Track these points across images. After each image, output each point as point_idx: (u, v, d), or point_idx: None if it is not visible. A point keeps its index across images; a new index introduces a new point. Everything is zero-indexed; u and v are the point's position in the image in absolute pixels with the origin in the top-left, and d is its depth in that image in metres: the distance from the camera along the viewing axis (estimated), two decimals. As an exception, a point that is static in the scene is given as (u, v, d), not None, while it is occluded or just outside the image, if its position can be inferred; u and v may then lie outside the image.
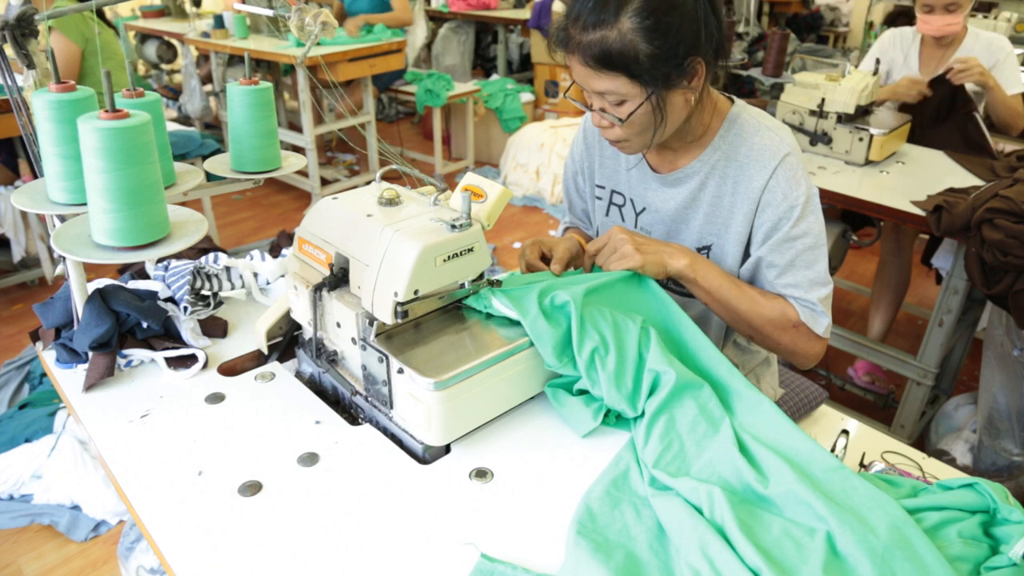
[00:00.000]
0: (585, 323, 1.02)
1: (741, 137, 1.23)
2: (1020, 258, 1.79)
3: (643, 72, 1.08)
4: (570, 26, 1.10)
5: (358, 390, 1.09)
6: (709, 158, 1.25)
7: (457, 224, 0.98)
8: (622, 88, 1.10)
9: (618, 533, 0.85)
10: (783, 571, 0.76)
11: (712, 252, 1.29)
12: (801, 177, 1.21)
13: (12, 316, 3.19)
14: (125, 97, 1.15)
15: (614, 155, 1.39)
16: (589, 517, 0.86)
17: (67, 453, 2.14)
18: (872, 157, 2.34)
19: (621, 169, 1.38)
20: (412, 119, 6.18)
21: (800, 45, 6.25)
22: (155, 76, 5.90)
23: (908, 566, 0.75)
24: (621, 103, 1.13)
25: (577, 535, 0.83)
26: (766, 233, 1.21)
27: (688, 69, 1.11)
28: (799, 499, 0.83)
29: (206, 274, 1.33)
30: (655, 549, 0.83)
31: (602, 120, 1.18)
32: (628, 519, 0.87)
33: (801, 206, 1.19)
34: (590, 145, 1.42)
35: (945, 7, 2.48)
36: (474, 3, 6.23)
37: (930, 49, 2.68)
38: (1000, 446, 2.17)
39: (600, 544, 0.82)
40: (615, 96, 1.12)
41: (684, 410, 0.99)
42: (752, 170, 1.21)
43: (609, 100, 1.13)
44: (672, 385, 0.99)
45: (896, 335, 3.09)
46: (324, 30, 1.31)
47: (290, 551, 0.84)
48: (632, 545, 0.83)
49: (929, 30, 2.56)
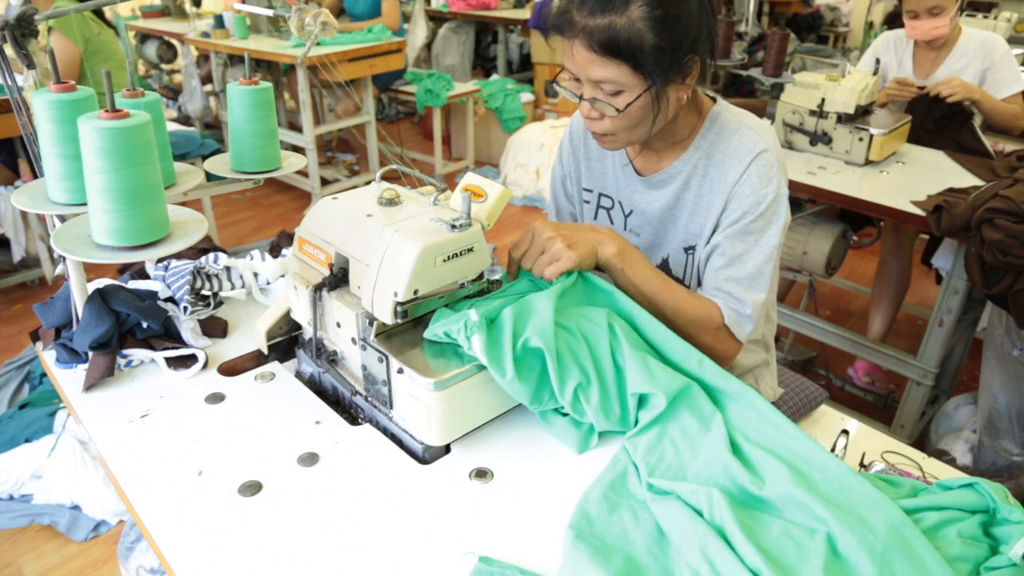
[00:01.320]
0: (562, 360, 0.97)
1: (721, 136, 1.23)
2: (1020, 258, 1.79)
3: (646, 63, 1.07)
4: (574, 10, 1.08)
5: (358, 390, 1.09)
6: (691, 158, 1.25)
7: (457, 224, 0.98)
8: (622, 78, 1.09)
9: (616, 537, 0.85)
10: (784, 571, 0.76)
11: (696, 252, 1.28)
12: (774, 175, 1.19)
13: (12, 316, 3.19)
14: (125, 97, 1.15)
15: (600, 158, 1.38)
16: (587, 522, 0.86)
17: (67, 453, 2.14)
18: (872, 157, 2.34)
19: (608, 172, 1.38)
20: (412, 119, 6.18)
21: (800, 45, 6.25)
22: (155, 76, 5.90)
23: (907, 566, 0.75)
24: (617, 93, 1.11)
25: (575, 539, 0.82)
26: (728, 223, 1.20)
27: (686, 66, 1.11)
28: (796, 501, 0.83)
29: (206, 274, 1.33)
30: (654, 553, 0.83)
31: (592, 111, 1.16)
32: (626, 523, 0.87)
33: (768, 203, 1.18)
34: (576, 148, 1.42)
35: (929, 11, 2.47)
36: (474, 3, 6.23)
37: (923, 51, 2.68)
38: (1000, 446, 2.17)
39: (599, 548, 0.81)
40: (613, 86, 1.10)
41: (675, 417, 0.98)
42: (727, 167, 1.21)
43: (605, 89, 1.11)
44: (661, 402, 0.97)
45: (896, 335, 3.09)
46: (324, 30, 1.31)
47: (290, 551, 0.84)
48: (631, 549, 0.83)
49: (916, 35, 2.56)
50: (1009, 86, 2.55)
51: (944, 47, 2.62)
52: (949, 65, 2.61)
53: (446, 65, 6.24)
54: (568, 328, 1.01)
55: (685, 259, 1.32)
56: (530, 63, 5.90)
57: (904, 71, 2.71)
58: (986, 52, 2.56)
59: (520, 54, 6.41)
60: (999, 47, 2.56)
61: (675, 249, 1.32)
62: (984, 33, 2.60)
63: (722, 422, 0.95)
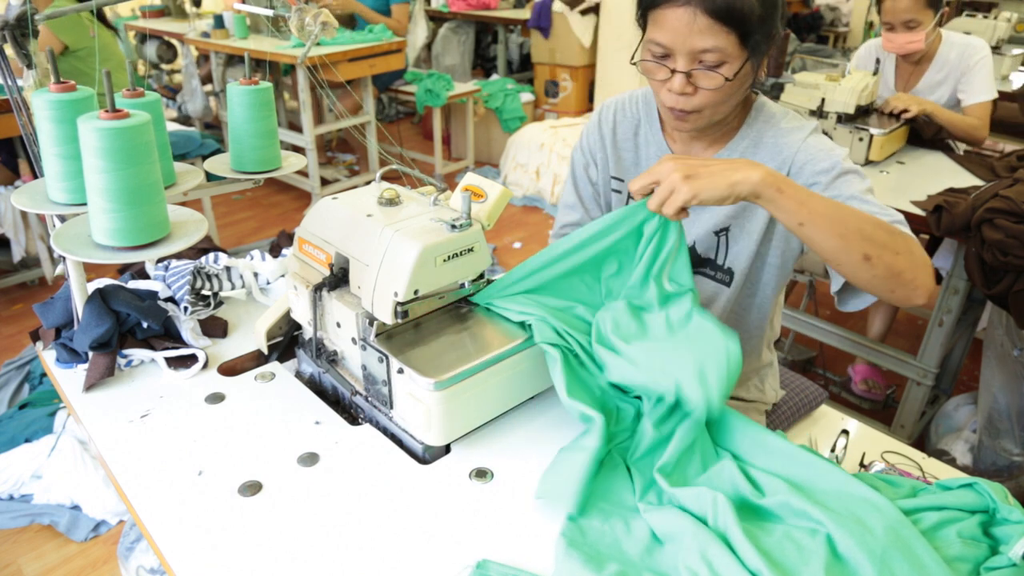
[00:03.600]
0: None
1: (768, 124, 1.23)
2: (1020, 258, 1.79)
3: (753, 32, 1.06)
4: None
5: (358, 390, 1.09)
6: (736, 146, 1.24)
7: (457, 224, 0.98)
8: (729, 47, 1.06)
9: (609, 546, 0.84)
10: (784, 573, 0.76)
11: (731, 232, 1.26)
12: (835, 145, 1.18)
13: (12, 316, 3.19)
14: (125, 97, 1.15)
15: (632, 148, 1.36)
16: (579, 531, 0.85)
17: (67, 453, 2.14)
18: (872, 157, 2.34)
19: (641, 163, 1.35)
20: (412, 119, 6.18)
21: (800, 45, 6.26)
22: (155, 76, 5.90)
23: (906, 566, 0.75)
24: (719, 64, 1.08)
25: (568, 547, 0.82)
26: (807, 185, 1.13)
27: (774, 39, 1.12)
28: (794, 509, 0.83)
29: (206, 274, 1.33)
30: (647, 563, 0.82)
31: (686, 86, 1.11)
32: (619, 533, 0.86)
33: (842, 161, 1.14)
34: (604, 135, 1.38)
35: (905, 24, 2.44)
36: (474, 3, 6.23)
37: (904, 63, 2.66)
38: (1000, 446, 2.16)
39: (591, 556, 0.81)
40: (717, 55, 1.07)
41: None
42: (781, 143, 1.20)
43: (707, 61, 1.08)
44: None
45: (896, 335, 3.09)
46: (324, 30, 1.31)
47: (290, 551, 0.84)
48: (624, 558, 0.82)
49: (892, 48, 2.53)
50: (977, 94, 2.50)
51: (925, 59, 2.60)
52: (929, 77, 2.60)
53: (446, 65, 6.24)
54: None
55: (716, 241, 1.29)
56: (530, 63, 5.90)
57: (885, 81, 2.71)
58: (963, 58, 2.52)
59: (520, 54, 6.41)
60: (976, 53, 2.50)
61: (703, 234, 1.29)
62: (965, 39, 2.55)
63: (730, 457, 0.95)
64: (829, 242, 0.98)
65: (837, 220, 0.98)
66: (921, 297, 1.03)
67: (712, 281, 1.32)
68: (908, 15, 2.42)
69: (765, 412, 1.46)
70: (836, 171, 1.13)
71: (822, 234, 0.98)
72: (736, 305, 1.33)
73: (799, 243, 1.25)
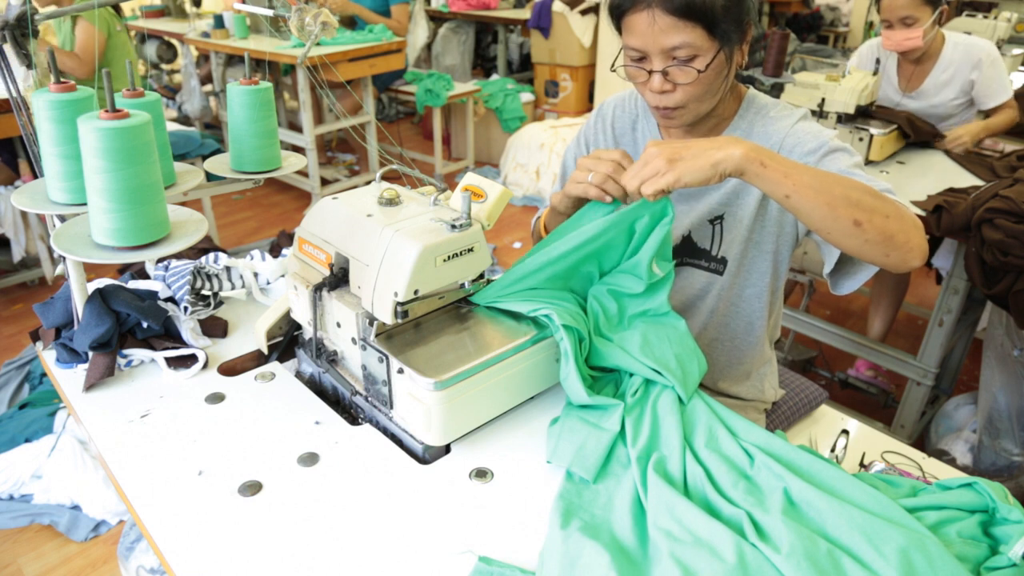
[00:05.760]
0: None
1: (759, 114, 1.26)
2: (1020, 258, 1.79)
3: (719, 23, 1.08)
4: None
5: (358, 390, 1.09)
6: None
7: (457, 224, 0.98)
8: (697, 40, 1.09)
9: (603, 508, 0.87)
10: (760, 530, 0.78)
11: (725, 220, 1.28)
12: (824, 130, 1.19)
13: (12, 316, 3.19)
14: (125, 97, 1.15)
15: (631, 143, 1.39)
16: (575, 492, 0.89)
17: (67, 453, 2.14)
18: (872, 157, 2.34)
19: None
20: (412, 119, 6.18)
21: (800, 45, 6.25)
22: (155, 76, 5.90)
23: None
24: (692, 59, 1.11)
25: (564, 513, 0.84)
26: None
27: (745, 27, 1.14)
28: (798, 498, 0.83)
29: (206, 274, 1.33)
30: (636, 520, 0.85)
31: (664, 84, 1.14)
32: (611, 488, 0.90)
33: (830, 141, 1.16)
34: (604, 128, 1.41)
35: (902, 21, 2.45)
36: (474, 3, 6.23)
37: (907, 63, 2.66)
38: (1000, 446, 2.17)
39: (588, 524, 0.83)
40: (688, 50, 1.10)
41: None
42: (771, 131, 1.22)
43: (680, 56, 1.11)
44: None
45: (896, 335, 3.09)
46: (324, 30, 1.31)
47: (290, 551, 0.84)
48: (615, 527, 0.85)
49: (890, 45, 2.54)
50: (997, 95, 2.54)
51: (928, 59, 2.60)
52: (935, 77, 2.60)
53: (446, 65, 6.24)
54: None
55: (712, 230, 1.30)
56: (530, 63, 5.90)
57: (888, 81, 2.71)
58: (970, 60, 2.53)
59: (520, 54, 6.41)
60: (984, 57, 2.51)
61: (698, 222, 1.31)
62: (969, 40, 2.56)
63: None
64: (818, 211, 0.98)
65: (823, 189, 0.97)
66: (917, 259, 1.03)
67: (705, 272, 1.33)
68: (905, 11, 2.43)
69: (764, 411, 1.46)
70: (824, 150, 1.16)
71: (810, 204, 0.98)
72: (729, 294, 1.34)
73: (793, 229, 1.27)
